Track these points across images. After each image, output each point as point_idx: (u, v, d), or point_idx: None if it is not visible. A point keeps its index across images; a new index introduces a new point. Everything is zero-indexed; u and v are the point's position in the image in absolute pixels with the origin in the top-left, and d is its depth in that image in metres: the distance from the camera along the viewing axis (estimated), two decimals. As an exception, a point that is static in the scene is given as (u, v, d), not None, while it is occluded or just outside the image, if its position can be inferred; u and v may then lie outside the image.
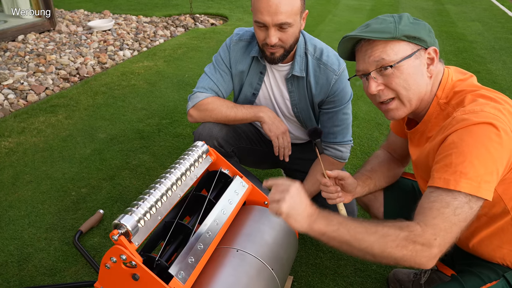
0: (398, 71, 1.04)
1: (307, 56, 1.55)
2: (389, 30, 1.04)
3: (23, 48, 4.40)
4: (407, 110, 1.10)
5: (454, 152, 0.94)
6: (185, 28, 5.62)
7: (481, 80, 3.83)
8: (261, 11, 1.37)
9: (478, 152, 0.91)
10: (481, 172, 0.91)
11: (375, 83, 1.07)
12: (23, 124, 2.89)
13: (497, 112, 0.94)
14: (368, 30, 1.06)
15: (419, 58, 1.05)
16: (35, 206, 2.07)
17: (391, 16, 1.09)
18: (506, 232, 1.06)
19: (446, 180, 0.93)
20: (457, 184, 0.92)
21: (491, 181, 0.92)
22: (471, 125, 0.93)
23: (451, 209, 0.92)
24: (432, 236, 0.92)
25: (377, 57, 1.05)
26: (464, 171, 0.91)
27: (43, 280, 1.64)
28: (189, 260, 1.03)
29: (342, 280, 1.65)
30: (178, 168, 1.20)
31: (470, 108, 0.97)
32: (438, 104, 1.09)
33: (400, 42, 1.04)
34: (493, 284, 1.04)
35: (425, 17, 6.62)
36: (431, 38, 1.07)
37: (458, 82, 1.08)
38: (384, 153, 1.45)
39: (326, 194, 1.32)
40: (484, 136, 0.91)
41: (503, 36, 5.51)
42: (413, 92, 1.06)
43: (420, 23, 1.07)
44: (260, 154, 1.79)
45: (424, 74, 1.06)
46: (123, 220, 0.98)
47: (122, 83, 3.68)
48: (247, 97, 1.66)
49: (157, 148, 2.62)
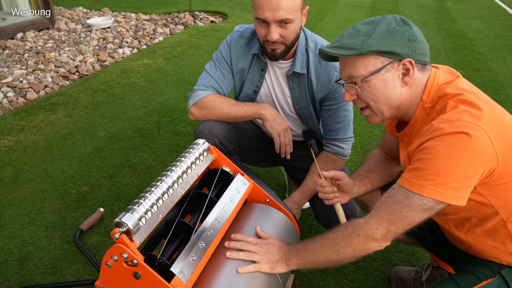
0: (367, 85, 1.07)
1: (308, 53, 1.54)
2: (356, 46, 1.04)
3: (22, 46, 4.38)
4: (379, 119, 1.14)
5: (425, 158, 0.97)
6: (185, 26, 5.60)
7: (481, 77, 3.83)
8: (262, 7, 1.36)
9: (446, 161, 0.93)
10: (447, 180, 0.94)
11: (348, 93, 1.13)
12: (22, 122, 2.88)
13: (474, 120, 0.94)
14: (338, 45, 1.09)
15: (391, 71, 1.05)
16: (35, 205, 2.06)
17: (367, 24, 1.07)
18: (499, 232, 1.06)
19: (412, 183, 0.98)
20: (422, 189, 0.96)
21: (459, 187, 0.94)
22: (445, 135, 0.95)
23: (401, 205, 0.99)
24: (373, 226, 1.03)
25: (347, 73, 1.10)
26: (430, 177, 0.95)
27: (44, 279, 1.63)
28: (191, 258, 1.03)
29: (343, 278, 1.65)
30: (179, 166, 1.19)
31: (448, 116, 0.98)
32: (424, 109, 1.09)
33: (370, 57, 1.05)
34: (488, 281, 1.04)
35: (425, 14, 6.61)
36: (408, 48, 1.04)
37: (444, 86, 1.07)
38: (380, 153, 1.44)
39: (323, 195, 1.34)
40: (455, 145, 0.93)
41: (503, 33, 5.50)
42: (382, 104, 1.09)
43: (399, 31, 1.04)
44: (261, 152, 1.79)
45: (397, 86, 1.07)
46: (124, 219, 0.98)
47: (121, 81, 3.66)
48: (248, 94, 1.66)
49: (157, 146, 2.61)
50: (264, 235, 1.19)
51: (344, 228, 1.09)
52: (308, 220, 1.97)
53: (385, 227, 1.02)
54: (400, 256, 1.76)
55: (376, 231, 1.02)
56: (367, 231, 1.03)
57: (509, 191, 1.01)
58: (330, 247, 1.08)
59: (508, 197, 1.01)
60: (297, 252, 1.13)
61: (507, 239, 1.06)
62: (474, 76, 3.85)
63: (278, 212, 1.32)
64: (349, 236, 1.06)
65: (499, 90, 3.54)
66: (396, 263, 1.72)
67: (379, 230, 1.02)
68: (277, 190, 2.18)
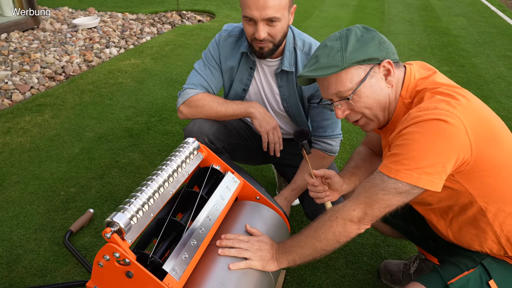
0: (358, 96, 1.09)
1: (296, 51, 1.55)
2: (336, 63, 1.07)
3: (6, 46, 4.31)
4: (376, 124, 1.16)
5: (401, 144, 1.00)
6: (172, 25, 5.57)
7: (465, 73, 3.90)
8: (250, 6, 1.37)
9: (421, 147, 0.96)
10: (422, 165, 0.96)
11: (340, 110, 1.14)
12: (8, 124, 2.84)
13: (451, 108, 0.97)
14: (317, 66, 1.10)
15: (374, 76, 1.09)
16: (23, 207, 2.04)
17: (338, 39, 1.10)
18: (479, 221, 1.09)
19: (389, 168, 1.01)
20: (397, 173, 0.98)
21: (434, 173, 0.97)
22: (422, 121, 0.98)
23: (377, 189, 1.02)
24: (350, 208, 1.05)
25: (334, 90, 1.10)
26: (405, 162, 0.98)
27: (34, 281, 1.62)
28: (183, 256, 1.03)
29: (334, 273, 1.67)
30: (170, 165, 1.19)
31: (425, 105, 1.01)
32: (404, 104, 1.12)
33: (352, 68, 1.07)
34: (470, 271, 1.07)
35: (410, 12, 6.69)
36: (382, 50, 1.08)
37: (421, 81, 1.11)
38: (365, 149, 1.47)
39: (314, 194, 1.36)
40: (431, 131, 0.96)
41: (487, 30, 5.60)
42: (376, 108, 1.12)
43: (368, 37, 1.08)
44: (251, 150, 1.80)
45: (383, 87, 1.10)
46: (116, 218, 0.98)
47: (109, 81, 3.64)
48: (238, 93, 1.66)
49: (146, 146, 2.60)
50: (255, 231, 1.20)
51: (324, 214, 1.11)
52: (298, 217, 1.99)
53: (362, 209, 1.04)
54: (389, 249, 1.79)
55: (354, 213, 1.05)
56: (345, 213, 1.06)
57: (485, 180, 1.03)
58: (313, 235, 1.10)
59: (484, 186, 1.04)
60: (286, 249, 1.14)
61: (488, 227, 1.09)
62: (458, 73, 3.92)
63: (268, 209, 1.34)
64: (328, 220, 1.08)
65: (482, 85, 3.62)
66: (385, 256, 1.75)
67: (356, 212, 1.05)
68: (267, 187, 2.19)
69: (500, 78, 3.81)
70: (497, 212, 1.06)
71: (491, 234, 1.09)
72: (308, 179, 1.36)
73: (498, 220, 1.07)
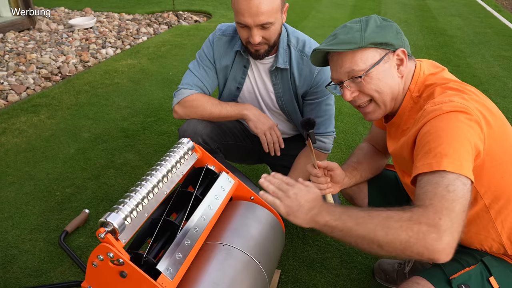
0: (369, 78, 1.10)
1: (290, 48, 1.56)
2: (355, 40, 1.08)
3: (2, 47, 4.30)
4: (382, 111, 1.16)
5: (430, 139, 0.97)
6: (169, 26, 5.57)
7: (461, 73, 3.92)
8: (242, 13, 1.37)
9: (453, 134, 0.94)
10: (461, 151, 0.93)
11: (349, 91, 1.14)
12: (4, 125, 2.84)
13: (464, 101, 0.99)
14: (335, 41, 1.11)
15: (388, 62, 1.10)
16: (18, 208, 2.03)
17: (358, 22, 1.12)
18: (481, 218, 1.10)
19: (429, 164, 0.94)
20: (439, 164, 0.92)
21: (469, 160, 0.94)
22: (442, 114, 0.97)
23: (443, 187, 0.90)
24: (435, 215, 0.88)
25: (347, 68, 1.10)
26: (443, 152, 0.93)
27: (29, 282, 1.62)
28: (177, 256, 1.04)
29: (328, 272, 1.67)
30: (164, 165, 1.20)
31: (439, 99, 1.02)
32: (411, 98, 1.14)
33: (368, 50, 1.08)
34: (471, 268, 1.08)
35: (406, 12, 6.72)
36: (399, 39, 1.11)
37: (430, 76, 1.13)
38: (368, 146, 1.48)
39: (316, 185, 1.34)
40: (455, 120, 0.95)
41: (482, 30, 5.62)
42: (386, 94, 1.12)
43: (387, 25, 1.11)
44: (246, 150, 1.80)
45: (395, 75, 1.12)
46: (110, 218, 0.98)
47: (105, 81, 3.63)
48: (232, 91, 1.67)
49: (142, 146, 2.60)
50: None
51: (401, 210, 0.93)
52: (294, 217, 1.99)
53: (446, 215, 0.87)
54: (383, 249, 1.80)
55: (440, 221, 0.87)
56: (430, 220, 0.87)
57: (492, 177, 1.04)
58: (381, 221, 0.92)
59: (491, 183, 1.04)
60: (333, 212, 1.00)
61: (489, 225, 1.09)
62: (454, 73, 3.89)
63: (263, 209, 1.34)
64: (409, 220, 0.89)
65: (478, 85, 3.63)
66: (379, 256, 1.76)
67: (443, 220, 0.87)
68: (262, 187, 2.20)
69: (495, 78, 3.83)
70: (500, 209, 1.07)
71: (492, 232, 1.09)
72: (311, 170, 1.34)
73: (500, 218, 1.07)
